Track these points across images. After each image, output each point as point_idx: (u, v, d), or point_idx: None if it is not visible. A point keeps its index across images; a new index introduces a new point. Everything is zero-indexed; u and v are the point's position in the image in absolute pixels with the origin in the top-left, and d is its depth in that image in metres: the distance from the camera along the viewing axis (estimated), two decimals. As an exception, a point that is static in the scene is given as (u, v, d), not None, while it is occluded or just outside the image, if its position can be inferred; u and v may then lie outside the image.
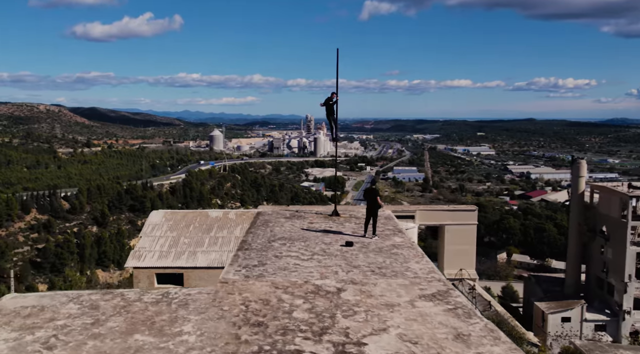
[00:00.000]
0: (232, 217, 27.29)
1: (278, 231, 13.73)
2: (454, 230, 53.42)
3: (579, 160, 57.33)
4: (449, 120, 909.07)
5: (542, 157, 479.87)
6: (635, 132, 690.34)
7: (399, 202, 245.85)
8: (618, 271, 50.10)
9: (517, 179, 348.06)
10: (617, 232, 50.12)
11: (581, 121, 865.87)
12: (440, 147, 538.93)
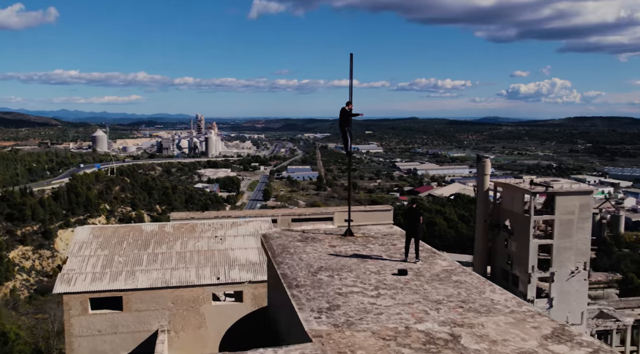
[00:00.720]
0: (170, 230, 25.12)
1: (308, 259, 12.37)
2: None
3: (483, 159, 60.36)
4: (338, 119, 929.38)
5: (427, 154, 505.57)
6: (506, 129, 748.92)
7: (295, 201, 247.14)
8: (522, 263, 53.50)
9: (405, 175, 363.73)
10: (520, 226, 53.46)
11: (459, 120, 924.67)
12: (331, 146, 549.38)
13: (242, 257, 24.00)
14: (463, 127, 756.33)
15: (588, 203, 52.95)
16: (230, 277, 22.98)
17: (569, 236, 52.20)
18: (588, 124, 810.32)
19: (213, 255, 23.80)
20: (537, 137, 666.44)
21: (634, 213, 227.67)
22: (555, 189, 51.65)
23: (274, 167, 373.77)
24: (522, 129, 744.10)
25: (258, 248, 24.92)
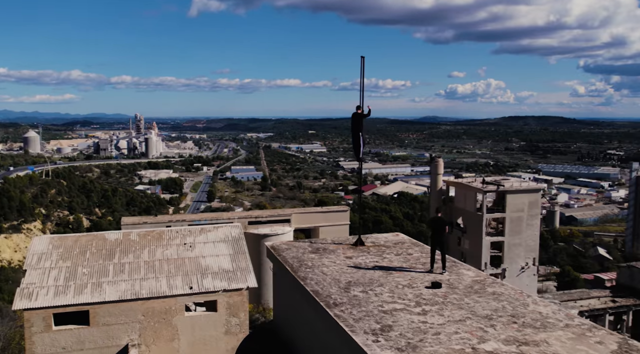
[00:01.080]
0: (135, 238, 23.91)
1: (331, 273, 11.73)
2: (327, 231, 53.71)
3: (436, 159, 61.31)
4: (281, 118, 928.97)
5: (369, 153, 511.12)
6: (445, 129, 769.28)
7: (240, 202, 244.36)
8: (475, 261, 54.63)
9: (349, 174, 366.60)
10: (473, 224, 54.69)
11: (400, 119, 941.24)
12: (274, 146, 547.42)
13: (214, 265, 23.13)
14: (404, 127, 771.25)
15: (537, 201, 54.86)
16: (203, 286, 22.08)
17: (519, 233, 53.89)
18: (522, 123, 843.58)
19: (184, 263, 22.84)
20: (475, 136, 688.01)
21: (567, 208, 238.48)
22: (506, 188, 53.22)
23: (218, 167, 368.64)
24: (460, 128, 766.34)
25: (230, 255, 24.13)
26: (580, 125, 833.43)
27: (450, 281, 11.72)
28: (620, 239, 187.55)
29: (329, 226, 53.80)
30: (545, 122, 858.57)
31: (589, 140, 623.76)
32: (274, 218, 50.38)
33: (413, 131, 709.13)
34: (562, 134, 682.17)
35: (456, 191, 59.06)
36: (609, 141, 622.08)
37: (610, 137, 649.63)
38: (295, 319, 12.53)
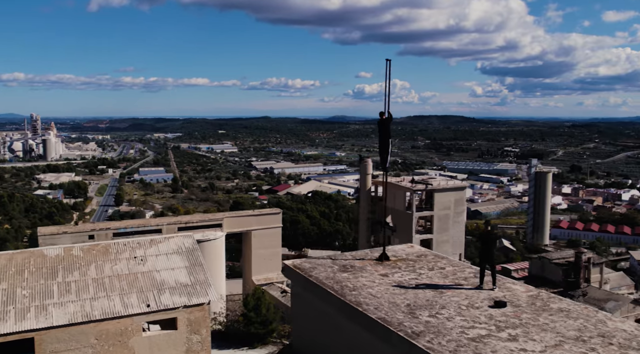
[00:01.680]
0: (79, 254, 21.80)
1: (381, 295, 10.60)
2: (260, 235, 52.58)
3: (365, 159, 61.84)
4: (189, 118, 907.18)
5: (281, 153, 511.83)
6: (354, 128, 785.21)
7: (150, 205, 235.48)
8: (405, 258, 55.70)
9: (262, 174, 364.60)
10: (403, 223, 55.65)
11: (310, 119, 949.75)
12: (183, 146, 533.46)
13: (170, 279, 21.55)
14: (314, 126, 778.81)
15: (462, 198, 56.83)
16: (162, 303, 20.49)
17: (447, 230, 55.54)
18: (426, 122, 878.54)
19: (137, 279, 21.08)
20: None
21: (471, 203, 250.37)
22: (434, 187, 54.65)
23: (124, 170, 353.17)
24: (369, 127, 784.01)
25: (187, 267, 22.66)
26: (479, 124, 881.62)
27: (507, 297, 11.27)
28: (521, 231, 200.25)
29: (262, 230, 52.67)
30: (447, 121, 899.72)
31: (487, 138, 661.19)
32: (205, 223, 48.52)
33: (323, 130, 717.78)
34: (463, 132, 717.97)
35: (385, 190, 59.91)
36: (506, 138, 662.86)
37: (506, 135, 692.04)
38: (339, 349, 11.17)
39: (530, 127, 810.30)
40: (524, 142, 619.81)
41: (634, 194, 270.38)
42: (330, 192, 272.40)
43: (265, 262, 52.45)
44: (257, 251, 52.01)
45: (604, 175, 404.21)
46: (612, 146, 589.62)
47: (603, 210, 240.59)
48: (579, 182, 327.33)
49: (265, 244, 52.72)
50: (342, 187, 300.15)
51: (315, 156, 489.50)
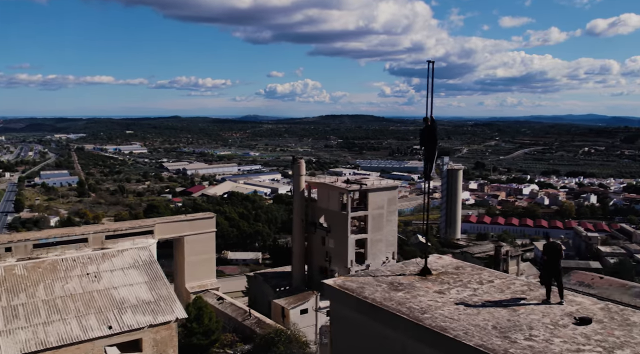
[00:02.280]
0: (23, 272, 19.55)
1: (456, 317, 9.56)
2: (193, 240, 50.42)
3: (298, 160, 61.00)
4: (93, 118, 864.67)
5: (193, 153, 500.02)
6: (267, 127, 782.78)
7: (55, 210, 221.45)
8: (341, 259, 55.54)
9: (174, 176, 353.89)
10: (337, 224, 55.42)
11: (222, 118, 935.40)
12: (88, 147, 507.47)
13: (130, 296, 19.79)
14: (227, 126, 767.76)
15: (394, 197, 57.53)
16: (124, 323, 18.73)
17: (380, 229, 55.99)
18: (338, 122, 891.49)
19: (93, 298, 19.18)
20: (296, 134, 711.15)
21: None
22: (368, 187, 54.90)
23: (23, 173, 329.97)
24: (282, 127, 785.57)
25: (147, 283, 20.92)
26: (389, 123, 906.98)
27: (580, 312, 10.82)
28: (434, 226, 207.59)
29: (195, 235, 50.53)
30: (358, 120, 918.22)
31: (397, 136, 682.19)
32: (136, 230, 45.74)
33: (236, 130, 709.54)
34: (374, 131, 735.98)
35: (319, 191, 59.51)
36: (414, 137, 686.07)
37: (414, 134, 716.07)
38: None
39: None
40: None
41: (534, 189, 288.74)
42: (247, 192, 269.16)
43: (199, 268, 50.40)
44: (191, 258, 49.86)
45: (505, 171, 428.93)
46: (511, 144, 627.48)
47: (507, 204, 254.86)
48: (483, 178, 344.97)
49: (199, 250, 50.69)
50: (259, 188, 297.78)
51: (229, 156, 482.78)
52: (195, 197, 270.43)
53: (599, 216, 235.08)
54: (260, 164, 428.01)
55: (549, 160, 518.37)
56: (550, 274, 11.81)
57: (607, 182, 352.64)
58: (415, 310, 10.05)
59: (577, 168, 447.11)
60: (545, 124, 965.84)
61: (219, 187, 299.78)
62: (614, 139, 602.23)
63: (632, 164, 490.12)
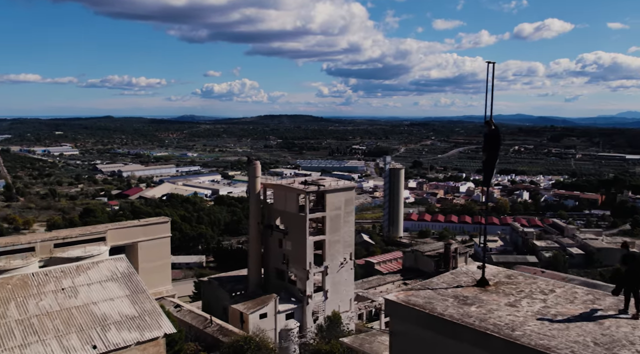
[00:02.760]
0: (-11, 289, 17.89)
1: (542, 331, 8.77)
2: (148, 246, 48.26)
3: (254, 161, 59.52)
4: (19, 118, 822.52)
5: (128, 155, 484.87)
6: (205, 128, 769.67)
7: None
8: (299, 261, 54.65)
9: (109, 178, 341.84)
10: (295, 225, 54.48)
11: (157, 118, 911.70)
12: (14, 149, 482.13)
13: (112, 312, 18.38)
14: (163, 126, 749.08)
15: (351, 198, 57.30)
16: (109, 342, 17.33)
17: (338, 230, 55.60)
18: (277, 122, 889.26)
19: (72, 316, 17.61)
20: (234, 134, 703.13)
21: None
22: (326, 188, 54.34)
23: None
24: (220, 127, 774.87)
25: (128, 296, 19.57)
26: (328, 123, 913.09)
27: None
28: (377, 225, 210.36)
29: (149, 241, 48.41)
30: (297, 120, 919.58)
31: (336, 136, 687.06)
32: (86, 237, 43.35)
33: (172, 131, 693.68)
34: (313, 131, 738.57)
35: (275, 193, 58.34)
36: (353, 137, 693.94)
37: (353, 134, 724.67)
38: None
39: (374, 126, 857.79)
40: (370, 140, 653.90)
41: (470, 187, 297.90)
42: (187, 194, 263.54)
43: (154, 275, 48.32)
44: (145, 264, 47.72)
45: (441, 169, 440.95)
46: (446, 143, 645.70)
47: (445, 202, 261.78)
48: (421, 177, 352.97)
49: (153, 256, 48.65)
50: (199, 189, 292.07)
51: (166, 157, 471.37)
52: (133, 200, 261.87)
53: (532, 211, 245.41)
54: (199, 165, 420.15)
55: (481, 158, 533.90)
56: (632, 285, 11.41)
57: (537, 179, 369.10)
58: (503, 327, 9.44)
59: (508, 166, 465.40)
60: (477, 124, 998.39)
61: (157, 190, 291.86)
62: (542, 137, 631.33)
63: (558, 161, 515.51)
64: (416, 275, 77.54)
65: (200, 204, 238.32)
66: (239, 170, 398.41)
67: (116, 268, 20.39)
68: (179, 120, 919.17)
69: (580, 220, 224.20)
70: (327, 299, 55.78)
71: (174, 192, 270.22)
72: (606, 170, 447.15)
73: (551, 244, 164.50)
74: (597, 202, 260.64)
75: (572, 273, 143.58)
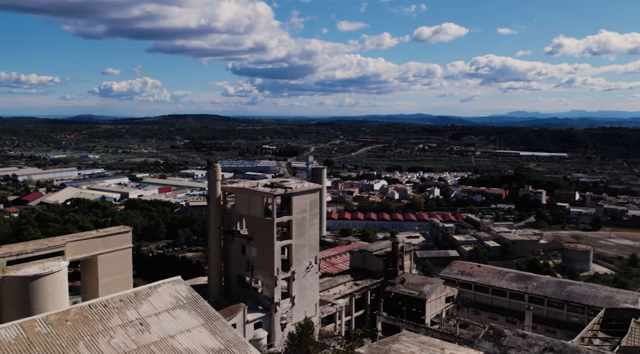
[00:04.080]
0: (49, 330, 14.59)
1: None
2: (108, 259, 43.74)
3: (214, 164, 55.67)
4: None
5: (22, 157, 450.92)
6: (105, 128, 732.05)
7: None
8: (266, 267, 51.73)
9: (3, 183, 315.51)
10: (261, 230, 51.59)
11: (52, 118, 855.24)
12: None
13: (195, 346, 15.65)
14: (58, 126, 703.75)
15: (316, 200, 55.26)
16: (208, 384, 14.74)
17: (304, 234, 53.42)
18: (182, 122, 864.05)
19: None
20: (138, 134, 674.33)
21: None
22: (293, 190, 51.94)
23: None
24: (122, 127, 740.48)
25: (204, 325, 17.00)
26: (235, 122, 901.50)
27: None
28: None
29: (109, 253, 43.93)
30: (204, 120, 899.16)
31: (245, 136, 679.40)
32: (43, 252, 38.49)
33: (70, 131, 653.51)
34: (221, 131, 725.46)
35: (237, 196, 54.94)
36: (262, 136, 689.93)
37: (262, 133, 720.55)
38: None
39: (282, 126, 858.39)
40: (280, 140, 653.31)
41: (384, 184, 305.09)
42: (94, 199, 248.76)
43: (115, 290, 43.87)
44: (105, 279, 43.29)
45: (352, 168, 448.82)
46: (354, 142, 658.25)
47: (362, 200, 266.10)
48: (335, 176, 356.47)
49: (115, 270, 44.29)
50: (107, 193, 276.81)
51: (65, 160, 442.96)
52: (34, 206, 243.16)
53: (445, 207, 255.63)
54: (102, 168, 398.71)
55: (389, 157, 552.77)
56: None
57: (443, 176, 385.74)
58: None
59: (414, 164, 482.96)
60: (381, 123, 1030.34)
61: (60, 194, 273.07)
62: (443, 136, 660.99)
63: (460, 159, 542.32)
64: (365, 275, 77.17)
65: (111, 208, 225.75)
66: (147, 172, 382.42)
67: (178, 292, 17.57)
68: (76, 120, 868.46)
69: (489, 214, 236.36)
70: (294, 306, 53.61)
71: (80, 197, 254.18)
72: (504, 166, 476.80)
73: (469, 238, 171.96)
74: (501, 197, 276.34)
75: (491, 264, 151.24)
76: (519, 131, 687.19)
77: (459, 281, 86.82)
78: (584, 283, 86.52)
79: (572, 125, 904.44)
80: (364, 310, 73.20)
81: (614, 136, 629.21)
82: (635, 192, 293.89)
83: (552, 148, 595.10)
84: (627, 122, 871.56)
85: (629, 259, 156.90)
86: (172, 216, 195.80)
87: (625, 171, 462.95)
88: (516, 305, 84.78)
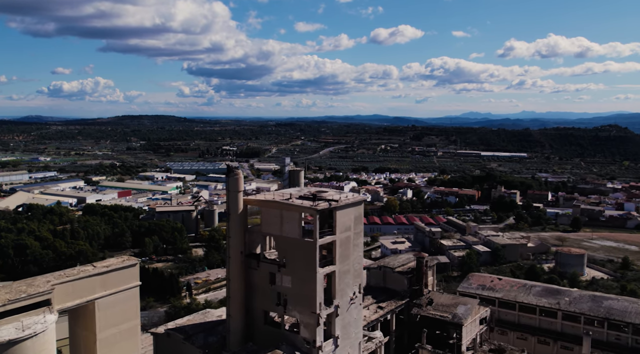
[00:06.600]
0: None
1: None
2: (109, 304, 32.06)
3: (235, 170, 44.09)
4: None
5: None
6: (56, 129, 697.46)
7: None
8: (304, 302, 40.31)
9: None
10: (297, 254, 40.44)
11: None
12: None
13: None
14: (5, 128, 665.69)
15: (361, 214, 44.64)
16: None
17: (348, 257, 42.82)
18: (137, 123, 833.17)
19: None
20: (91, 136, 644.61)
21: (214, 205, 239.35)
22: (338, 203, 41.12)
23: None
24: (74, 128, 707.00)
25: None
26: (192, 123, 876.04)
27: None
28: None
29: (110, 295, 32.22)
30: (159, 121, 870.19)
31: (204, 137, 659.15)
32: (23, 302, 26.65)
33: (18, 133, 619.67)
34: (178, 132, 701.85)
35: (264, 211, 43.47)
36: (222, 137, 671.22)
37: (221, 134, 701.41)
38: None
39: (241, 127, 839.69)
40: (240, 141, 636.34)
41: (354, 186, 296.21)
42: (49, 204, 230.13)
43: (119, 345, 32.28)
44: (106, 332, 31.58)
45: (317, 169, 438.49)
46: (316, 143, 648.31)
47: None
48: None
49: (117, 318, 32.66)
50: (62, 198, 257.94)
51: (14, 162, 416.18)
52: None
53: (420, 209, 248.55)
54: (55, 171, 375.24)
55: (352, 157, 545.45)
56: None
57: (410, 176, 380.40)
58: None
59: (378, 164, 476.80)
60: (340, 124, 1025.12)
61: (10, 200, 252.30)
62: (404, 137, 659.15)
63: (422, 159, 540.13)
64: (387, 296, 67.24)
65: (68, 215, 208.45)
66: (104, 175, 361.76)
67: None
68: (24, 121, 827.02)
69: (466, 216, 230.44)
70: (338, 348, 42.96)
71: (33, 202, 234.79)
72: (467, 166, 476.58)
73: (457, 243, 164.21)
74: (474, 198, 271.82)
75: (484, 270, 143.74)
76: (477, 132, 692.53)
77: (480, 297, 78.01)
78: (621, 297, 79.06)
79: (524, 125, 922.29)
80: (389, 337, 63.09)
81: (568, 136, 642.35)
82: (604, 192, 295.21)
83: (511, 148, 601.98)
84: (575, 123, 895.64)
85: (620, 262, 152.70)
86: (138, 223, 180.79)
87: (585, 170, 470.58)
88: (546, 323, 76.47)
